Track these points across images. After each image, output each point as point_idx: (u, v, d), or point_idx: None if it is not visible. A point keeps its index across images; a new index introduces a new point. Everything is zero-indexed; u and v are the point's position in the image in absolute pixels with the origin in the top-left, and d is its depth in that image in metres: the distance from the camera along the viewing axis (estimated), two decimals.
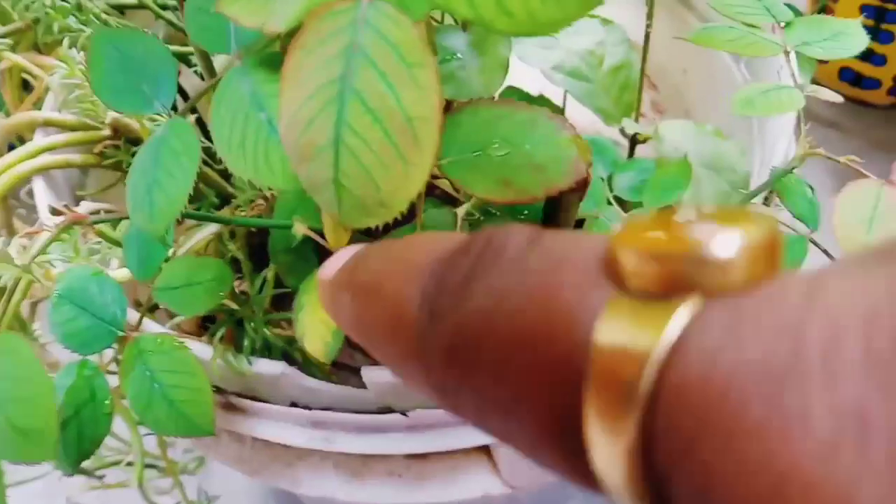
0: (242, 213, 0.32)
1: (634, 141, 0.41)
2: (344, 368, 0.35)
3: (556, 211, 0.26)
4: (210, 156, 0.36)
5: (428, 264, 0.13)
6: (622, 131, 0.41)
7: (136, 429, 0.34)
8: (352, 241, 0.26)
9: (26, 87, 0.45)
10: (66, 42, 0.37)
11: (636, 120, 0.47)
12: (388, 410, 0.30)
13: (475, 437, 0.30)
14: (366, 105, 0.15)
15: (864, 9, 0.57)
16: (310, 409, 0.30)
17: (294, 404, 0.31)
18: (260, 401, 0.31)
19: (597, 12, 0.49)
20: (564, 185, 0.23)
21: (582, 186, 0.24)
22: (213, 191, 0.39)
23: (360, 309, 0.14)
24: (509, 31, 0.15)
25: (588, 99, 0.40)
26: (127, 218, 0.26)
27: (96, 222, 0.25)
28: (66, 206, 0.23)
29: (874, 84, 0.62)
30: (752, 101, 0.24)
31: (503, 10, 0.14)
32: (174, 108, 0.21)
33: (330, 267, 0.15)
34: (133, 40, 0.21)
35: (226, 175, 0.40)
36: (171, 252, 0.28)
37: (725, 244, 0.10)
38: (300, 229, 0.27)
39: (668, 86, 0.56)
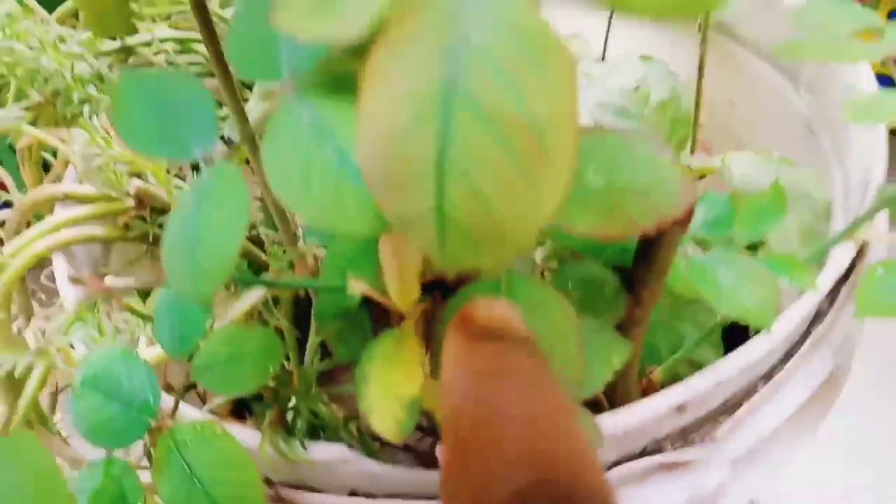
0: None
1: None
2: (404, 448, 0.31)
3: (653, 251, 0.23)
4: None
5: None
6: None
7: None
8: (421, 298, 0.23)
9: (46, 168, 0.43)
10: (86, 110, 0.34)
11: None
12: None
13: None
14: (478, 111, 0.11)
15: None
16: (373, 497, 0.26)
17: (353, 493, 0.27)
18: (314, 490, 0.27)
19: (632, 49, 0.47)
20: (676, 212, 0.19)
21: (688, 216, 0.21)
22: (244, 261, 0.36)
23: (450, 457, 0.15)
24: (652, 11, 0.11)
25: None
26: (160, 287, 0.23)
27: (124, 292, 0.22)
28: (88, 275, 0.20)
29: None
30: (872, 108, 0.21)
31: None
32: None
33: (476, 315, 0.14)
34: (163, 81, 0.18)
35: (257, 242, 0.37)
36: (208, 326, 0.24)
37: None
38: (357, 288, 0.23)
39: (714, 121, 0.53)
